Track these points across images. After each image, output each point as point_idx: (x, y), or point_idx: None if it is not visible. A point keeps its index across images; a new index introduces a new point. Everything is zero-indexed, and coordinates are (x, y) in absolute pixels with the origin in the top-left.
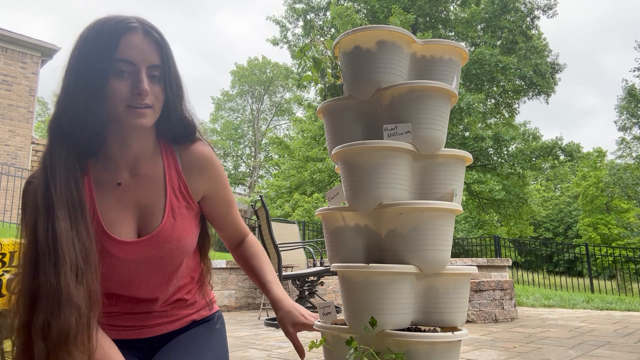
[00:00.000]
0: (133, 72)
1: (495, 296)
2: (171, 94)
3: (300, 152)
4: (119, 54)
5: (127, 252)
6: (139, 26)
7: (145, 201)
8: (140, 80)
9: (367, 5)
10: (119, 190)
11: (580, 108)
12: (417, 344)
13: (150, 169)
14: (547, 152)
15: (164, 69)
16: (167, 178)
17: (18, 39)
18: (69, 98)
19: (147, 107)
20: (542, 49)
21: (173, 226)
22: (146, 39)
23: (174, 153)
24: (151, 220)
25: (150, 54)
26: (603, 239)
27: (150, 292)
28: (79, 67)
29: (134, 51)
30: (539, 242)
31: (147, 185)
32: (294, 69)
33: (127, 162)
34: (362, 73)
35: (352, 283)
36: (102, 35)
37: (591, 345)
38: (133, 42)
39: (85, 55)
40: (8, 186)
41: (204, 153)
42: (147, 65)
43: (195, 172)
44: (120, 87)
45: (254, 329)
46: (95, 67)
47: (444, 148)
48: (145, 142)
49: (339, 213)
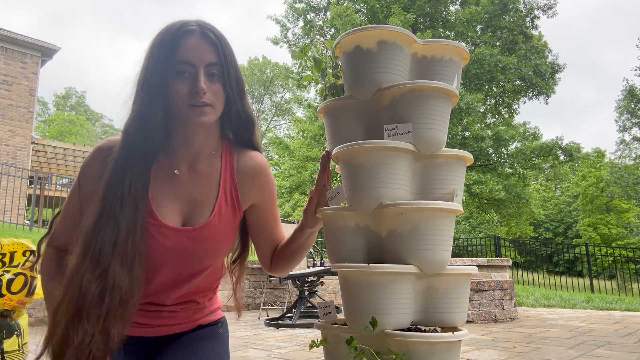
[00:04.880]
0: (192, 72)
1: (495, 296)
2: (230, 90)
3: (300, 152)
4: (179, 57)
5: (167, 238)
6: (197, 28)
7: (197, 196)
8: (197, 79)
9: (367, 5)
10: (174, 180)
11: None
12: (417, 344)
13: (207, 167)
14: (547, 152)
15: (222, 66)
16: (222, 179)
17: (18, 39)
18: (139, 103)
19: (207, 105)
20: (542, 49)
21: (217, 226)
22: (203, 39)
23: (233, 156)
24: (198, 214)
25: (207, 53)
26: (603, 239)
27: (173, 282)
28: (147, 74)
29: (192, 52)
30: (539, 242)
31: (201, 182)
32: (294, 69)
33: (187, 156)
34: (363, 73)
35: (352, 283)
36: (164, 42)
37: (591, 345)
38: (191, 44)
39: (151, 62)
40: (8, 186)
41: (260, 162)
42: (204, 64)
43: (248, 178)
44: (182, 88)
45: (254, 329)
46: (160, 72)
47: (444, 148)
48: (207, 138)
49: (339, 213)
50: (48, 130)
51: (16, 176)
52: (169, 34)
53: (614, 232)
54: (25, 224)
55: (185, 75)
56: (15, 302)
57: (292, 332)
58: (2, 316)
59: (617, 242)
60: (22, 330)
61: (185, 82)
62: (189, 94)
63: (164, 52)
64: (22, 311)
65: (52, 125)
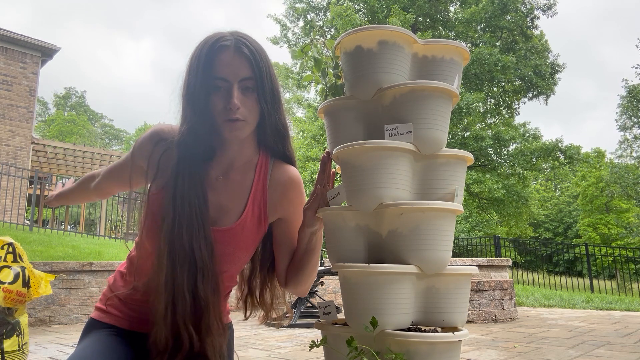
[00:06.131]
0: (227, 88)
1: (495, 296)
2: (265, 103)
3: (300, 152)
4: (214, 73)
5: None
6: (231, 43)
7: (226, 202)
8: (231, 95)
9: (366, 5)
10: (209, 186)
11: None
12: (418, 344)
13: (241, 176)
14: (547, 153)
15: (256, 80)
16: (253, 190)
17: (18, 39)
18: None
19: (239, 121)
20: (542, 49)
21: (240, 233)
22: (237, 54)
23: (268, 168)
24: (223, 219)
25: (242, 68)
26: (603, 239)
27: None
28: (190, 88)
29: (226, 68)
30: (538, 242)
31: (232, 190)
32: (294, 69)
33: (222, 164)
34: (363, 73)
35: (353, 283)
36: (201, 58)
37: (591, 345)
38: (225, 60)
39: (192, 78)
40: (8, 186)
41: (293, 176)
42: (238, 79)
43: (279, 191)
44: (218, 102)
45: (254, 329)
46: (200, 87)
47: (445, 148)
48: (241, 149)
49: (340, 213)
50: (49, 130)
51: (16, 176)
52: (205, 49)
53: (614, 232)
54: (25, 224)
55: (221, 90)
56: (14, 294)
57: (292, 332)
58: (3, 314)
59: (617, 242)
60: (22, 330)
61: (221, 97)
62: (224, 109)
63: (202, 68)
64: (23, 310)
65: (52, 125)
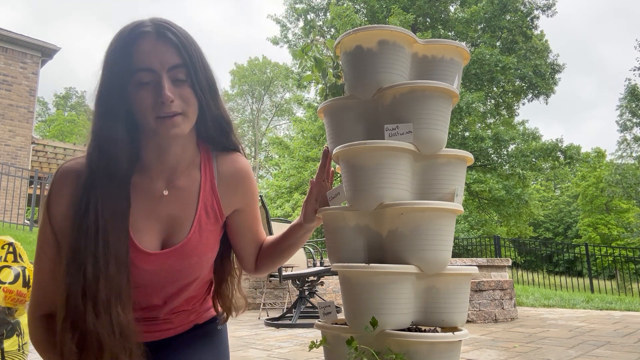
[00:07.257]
0: (154, 80)
1: (495, 296)
2: (202, 93)
3: (300, 152)
4: (135, 64)
5: (147, 262)
6: (152, 29)
7: (176, 213)
8: (161, 86)
9: (366, 6)
10: (152, 199)
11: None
12: (418, 344)
13: (186, 181)
14: (547, 153)
15: (187, 68)
16: (202, 193)
17: (18, 39)
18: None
19: (177, 115)
20: (542, 49)
21: (198, 242)
22: (160, 40)
23: (212, 164)
24: (177, 232)
25: (168, 55)
26: (603, 239)
27: (162, 299)
28: (103, 89)
29: (149, 56)
30: (538, 242)
31: (180, 199)
32: (294, 69)
33: (164, 172)
34: (363, 73)
35: (353, 283)
36: (118, 49)
37: (591, 345)
38: (147, 48)
39: (107, 75)
40: (8, 186)
41: (241, 166)
42: (167, 68)
43: (231, 187)
44: (145, 99)
45: (254, 329)
46: (117, 85)
47: (445, 148)
48: (183, 149)
49: (340, 213)
50: (49, 130)
51: (16, 176)
52: (122, 39)
53: (614, 232)
54: (25, 224)
55: (148, 84)
56: (14, 294)
57: (292, 332)
58: (3, 314)
59: (617, 242)
60: (22, 330)
61: (148, 91)
62: (154, 104)
63: (119, 62)
64: (23, 310)
65: (53, 125)
